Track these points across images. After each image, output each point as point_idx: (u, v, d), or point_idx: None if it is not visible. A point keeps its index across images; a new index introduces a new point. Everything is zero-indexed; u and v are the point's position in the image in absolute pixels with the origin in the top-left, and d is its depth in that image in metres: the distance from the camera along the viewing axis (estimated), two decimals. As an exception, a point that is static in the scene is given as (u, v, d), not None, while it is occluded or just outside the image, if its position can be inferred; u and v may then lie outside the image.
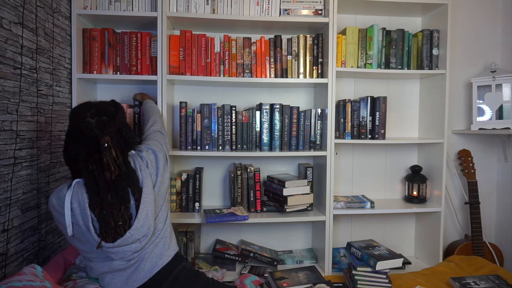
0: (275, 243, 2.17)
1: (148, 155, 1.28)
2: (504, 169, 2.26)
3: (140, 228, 1.12)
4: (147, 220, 1.14)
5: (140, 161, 1.23)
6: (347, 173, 2.22)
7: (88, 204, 1.08)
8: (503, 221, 2.26)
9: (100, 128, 1.11)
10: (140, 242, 1.14)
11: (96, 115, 1.13)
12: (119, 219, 1.09)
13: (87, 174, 1.10)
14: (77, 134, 1.14)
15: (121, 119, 1.21)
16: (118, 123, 1.18)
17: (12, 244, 1.27)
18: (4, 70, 1.23)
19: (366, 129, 1.97)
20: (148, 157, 1.27)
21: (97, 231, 1.09)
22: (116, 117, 1.18)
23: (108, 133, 1.12)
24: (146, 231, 1.14)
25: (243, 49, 1.91)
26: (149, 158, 1.27)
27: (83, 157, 1.11)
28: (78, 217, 1.09)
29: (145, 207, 1.14)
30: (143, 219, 1.13)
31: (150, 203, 1.16)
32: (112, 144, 1.12)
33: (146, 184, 1.18)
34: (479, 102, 2.10)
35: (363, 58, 1.96)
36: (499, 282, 1.62)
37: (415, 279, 1.72)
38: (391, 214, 2.24)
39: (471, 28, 2.26)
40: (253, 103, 2.11)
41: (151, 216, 1.15)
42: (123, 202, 1.11)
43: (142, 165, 1.22)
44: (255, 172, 1.92)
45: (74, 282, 1.23)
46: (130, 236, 1.10)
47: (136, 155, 1.25)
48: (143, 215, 1.13)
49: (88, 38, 1.82)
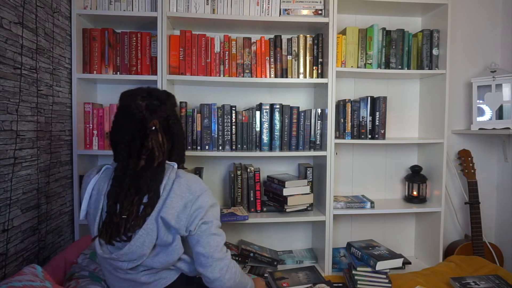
0: (275, 243, 2.17)
1: (181, 190, 1.06)
2: (504, 169, 2.26)
3: (130, 254, 1.03)
4: (141, 249, 1.04)
5: (171, 184, 1.07)
6: (347, 173, 2.22)
7: (106, 192, 1.07)
8: (503, 221, 2.26)
9: (150, 111, 1.07)
10: (130, 263, 1.06)
11: (147, 98, 1.09)
12: (125, 212, 1.02)
13: (121, 159, 1.07)
14: (126, 116, 1.09)
15: (171, 107, 1.15)
16: (168, 109, 1.13)
17: (12, 244, 1.27)
18: (4, 70, 1.23)
19: (366, 129, 1.97)
20: (178, 191, 1.06)
21: (100, 225, 1.07)
22: (167, 103, 1.13)
23: (157, 118, 1.08)
24: (136, 257, 1.05)
25: (243, 49, 1.91)
26: (178, 194, 1.06)
27: (125, 140, 1.07)
28: (91, 205, 1.09)
29: (143, 234, 1.03)
30: (136, 246, 1.03)
31: (152, 231, 1.03)
32: (160, 129, 1.07)
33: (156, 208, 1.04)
34: (479, 102, 2.10)
35: (363, 58, 1.96)
36: (499, 282, 1.62)
37: (415, 279, 1.72)
38: (391, 214, 2.24)
39: (471, 28, 2.26)
40: (253, 103, 2.11)
41: (147, 245, 1.04)
42: (139, 193, 1.04)
43: (169, 190, 1.06)
44: (255, 172, 1.92)
45: (77, 281, 1.23)
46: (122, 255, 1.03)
47: (175, 175, 1.09)
48: (138, 242, 1.03)
49: (88, 38, 1.82)
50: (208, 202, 1.09)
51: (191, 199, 1.06)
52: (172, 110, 1.15)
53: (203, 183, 1.11)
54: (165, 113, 1.11)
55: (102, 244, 1.07)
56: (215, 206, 1.12)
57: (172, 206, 1.04)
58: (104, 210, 1.07)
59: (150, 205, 1.03)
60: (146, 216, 1.02)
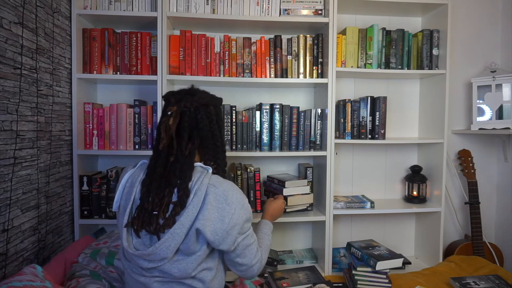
0: (275, 243, 2.17)
1: (218, 201, 1.02)
2: (504, 169, 2.26)
3: (154, 255, 1.00)
4: (165, 252, 1.00)
5: (204, 191, 1.01)
6: (347, 173, 2.22)
7: (140, 180, 1.07)
8: (503, 221, 2.26)
9: (176, 97, 1.10)
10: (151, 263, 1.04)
11: (181, 93, 1.13)
12: (156, 207, 1.01)
13: (154, 150, 1.10)
14: (163, 109, 1.13)
15: (200, 100, 1.12)
16: (195, 101, 1.11)
17: (12, 244, 1.27)
18: (4, 70, 1.23)
19: (366, 129, 1.97)
20: (215, 201, 1.02)
21: (130, 217, 1.05)
22: (196, 95, 1.12)
23: (179, 106, 1.08)
24: (159, 259, 1.02)
25: (243, 49, 1.91)
26: (214, 205, 1.01)
27: (158, 131, 1.11)
28: (123, 196, 1.09)
29: (169, 238, 0.99)
30: (161, 248, 0.99)
31: (178, 236, 0.99)
32: (175, 115, 1.06)
33: (186, 217, 0.99)
34: (479, 102, 2.10)
35: (363, 58, 1.96)
36: (499, 282, 1.62)
37: (415, 279, 1.72)
38: (391, 214, 2.24)
39: (471, 28, 2.26)
40: (253, 103, 2.11)
41: (172, 249, 1.00)
42: (168, 186, 1.02)
43: (203, 198, 1.01)
44: (255, 172, 1.92)
45: (77, 281, 1.23)
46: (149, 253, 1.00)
47: (208, 181, 1.03)
48: (163, 245, 0.99)
49: (88, 38, 1.82)
50: (242, 218, 1.05)
51: (229, 212, 1.02)
52: (201, 104, 1.12)
53: (239, 193, 1.07)
54: (190, 104, 1.10)
55: (130, 241, 1.05)
56: (250, 218, 1.10)
57: (209, 218, 1.00)
58: (135, 203, 1.06)
59: (180, 204, 0.99)
60: (175, 215, 0.99)
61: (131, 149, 1.84)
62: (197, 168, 1.07)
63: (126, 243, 1.04)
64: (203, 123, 1.11)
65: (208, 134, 1.13)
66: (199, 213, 0.99)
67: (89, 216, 1.80)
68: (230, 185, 1.07)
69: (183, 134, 1.08)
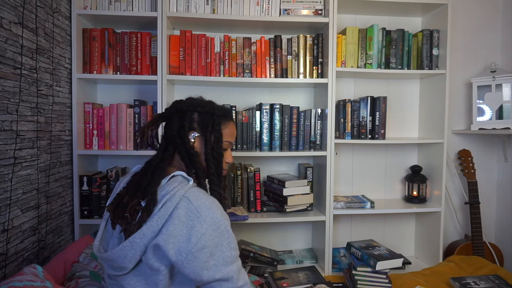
0: (275, 243, 2.17)
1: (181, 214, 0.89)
2: (504, 169, 2.26)
3: (112, 261, 0.93)
4: (123, 261, 0.91)
5: (175, 202, 0.90)
6: (347, 173, 2.22)
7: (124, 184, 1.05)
8: (503, 221, 2.26)
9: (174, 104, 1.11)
10: (113, 270, 0.96)
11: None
12: (126, 206, 0.94)
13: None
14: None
15: (178, 105, 1.08)
16: (173, 106, 1.09)
17: (12, 244, 1.27)
18: (4, 70, 1.23)
19: (366, 129, 1.97)
20: (184, 216, 0.89)
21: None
22: (175, 103, 1.11)
23: (166, 111, 1.10)
24: (118, 267, 0.93)
25: (243, 49, 1.91)
26: (184, 221, 0.89)
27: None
28: (111, 198, 1.07)
29: (127, 246, 0.89)
30: (118, 255, 0.91)
31: (138, 246, 0.89)
32: (153, 119, 1.10)
33: (148, 226, 0.89)
34: (479, 102, 2.10)
35: (363, 58, 1.96)
36: (499, 282, 1.62)
37: (415, 279, 1.72)
38: (391, 214, 2.24)
39: (471, 28, 2.26)
40: (253, 103, 2.11)
41: (129, 259, 0.90)
42: (140, 186, 0.96)
43: (172, 211, 0.89)
44: (255, 172, 1.92)
45: (76, 282, 1.23)
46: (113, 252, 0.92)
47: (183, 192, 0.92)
48: (120, 253, 0.90)
49: (88, 38, 1.82)
50: (214, 241, 0.89)
51: (198, 231, 0.87)
52: (177, 110, 1.07)
53: (219, 214, 0.92)
54: (169, 110, 1.10)
55: (103, 240, 1.03)
56: (230, 248, 0.92)
57: (174, 234, 0.87)
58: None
59: (146, 211, 0.90)
60: (141, 222, 0.89)
61: (131, 149, 1.84)
62: (177, 177, 0.98)
63: (97, 242, 1.00)
64: (169, 128, 1.07)
65: (177, 140, 1.04)
66: (163, 226, 0.88)
67: (89, 216, 1.80)
68: (209, 202, 0.92)
69: (163, 139, 1.09)
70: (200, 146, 1.07)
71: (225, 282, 0.91)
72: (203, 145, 1.07)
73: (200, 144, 1.08)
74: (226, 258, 0.91)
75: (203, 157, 1.07)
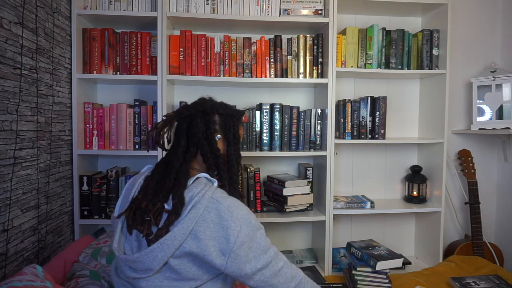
0: (275, 243, 2.15)
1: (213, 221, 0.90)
2: (504, 169, 2.26)
3: (138, 263, 0.92)
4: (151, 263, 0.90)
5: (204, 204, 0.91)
6: (347, 173, 2.22)
7: (143, 179, 1.03)
8: (503, 221, 2.26)
9: (186, 106, 1.10)
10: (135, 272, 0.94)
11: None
12: (148, 211, 0.93)
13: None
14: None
15: (199, 107, 1.08)
16: (193, 107, 1.08)
17: (12, 244, 1.27)
18: (4, 70, 1.23)
19: (366, 129, 1.97)
20: (217, 218, 0.90)
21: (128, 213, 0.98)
22: (196, 104, 1.10)
23: (177, 112, 1.09)
24: (143, 269, 0.92)
25: (243, 49, 1.91)
26: (217, 223, 0.90)
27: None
28: (124, 197, 1.05)
29: (158, 248, 0.89)
30: (147, 257, 0.90)
31: (168, 248, 0.89)
32: (166, 120, 1.08)
33: (180, 228, 0.89)
34: (479, 102, 2.10)
35: (363, 58, 1.96)
36: (499, 282, 1.62)
37: (415, 279, 1.72)
38: (391, 214, 2.24)
39: (471, 28, 2.26)
40: (253, 103, 2.11)
41: (158, 261, 0.90)
42: (163, 189, 0.96)
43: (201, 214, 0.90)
44: (255, 172, 1.92)
45: (76, 281, 1.23)
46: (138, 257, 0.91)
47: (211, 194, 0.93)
48: (150, 255, 0.90)
49: (88, 38, 1.82)
50: (249, 235, 0.92)
51: (234, 230, 0.90)
52: (199, 111, 1.07)
53: (245, 209, 0.95)
54: (187, 110, 1.08)
55: (121, 243, 0.99)
56: (261, 236, 0.95)
57: (212, 237, 0.89)
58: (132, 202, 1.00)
59: (174, 213, 0.90)
60: (169, 225, 0.90)
61: (131, 149, 1.84)
62: (201, 179, 0.99)
63: (116, 244, 0.98)
64: (194, 130, 1.06)
65: (203, 142, 1.05)
66: (198, 232, 0.89)
67: (89, 216, 1.80)
68: (235, 201, 0.96)
69: (179, 140, 1.06)
70: (222, 147, 1.10)
71: (266, 269, 0.94)
72: (225, 146, 1.10)
73: (223, 145, 1.10)
74: (262, 247, 0.95)
75: (225, 158, 1.09)
